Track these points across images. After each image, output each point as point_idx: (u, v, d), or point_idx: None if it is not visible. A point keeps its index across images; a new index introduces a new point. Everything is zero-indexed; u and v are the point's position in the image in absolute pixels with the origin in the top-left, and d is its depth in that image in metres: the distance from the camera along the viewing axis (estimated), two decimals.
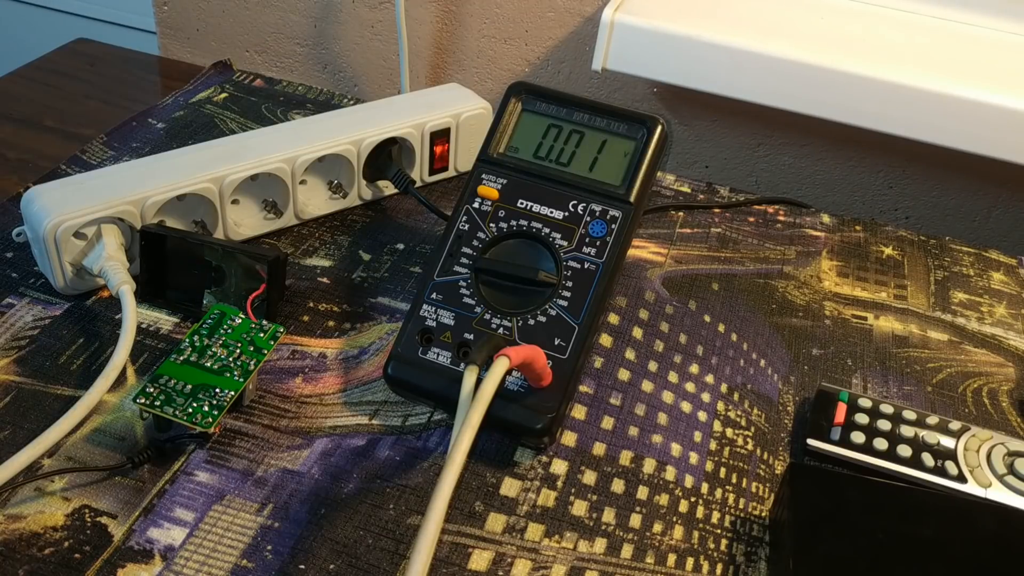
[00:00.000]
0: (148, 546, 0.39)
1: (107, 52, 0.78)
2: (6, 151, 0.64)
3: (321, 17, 0.93)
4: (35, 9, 1.22)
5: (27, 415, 0.44)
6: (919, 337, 0.56)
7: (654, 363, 0.51)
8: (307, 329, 0.51)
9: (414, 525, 0.41)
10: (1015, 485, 0.44)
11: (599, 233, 0.46)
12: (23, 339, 0.48)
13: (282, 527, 0.40)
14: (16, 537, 0.39)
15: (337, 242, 0.58)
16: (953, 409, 0.51)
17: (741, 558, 0.42)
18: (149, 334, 0.49)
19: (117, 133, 0.66)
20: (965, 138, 0.69)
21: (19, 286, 0.51)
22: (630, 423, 0.47)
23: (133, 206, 0.50)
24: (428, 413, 0.47)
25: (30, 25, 1.24)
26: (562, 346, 0.44)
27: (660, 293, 0.56)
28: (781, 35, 0.72)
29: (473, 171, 0.49)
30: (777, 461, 0.47)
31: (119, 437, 0.43)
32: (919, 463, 0.45)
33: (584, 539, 0.41)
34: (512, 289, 0.46)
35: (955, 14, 0.78)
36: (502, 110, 0.50)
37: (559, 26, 0.85)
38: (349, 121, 0.59)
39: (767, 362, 0.53)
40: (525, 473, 0.44)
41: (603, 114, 0.49)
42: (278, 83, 0.75)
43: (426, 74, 0.93)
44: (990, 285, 0.62)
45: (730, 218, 0.65)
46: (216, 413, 0.42)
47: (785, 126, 0.84)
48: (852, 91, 0.70)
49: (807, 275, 0.61)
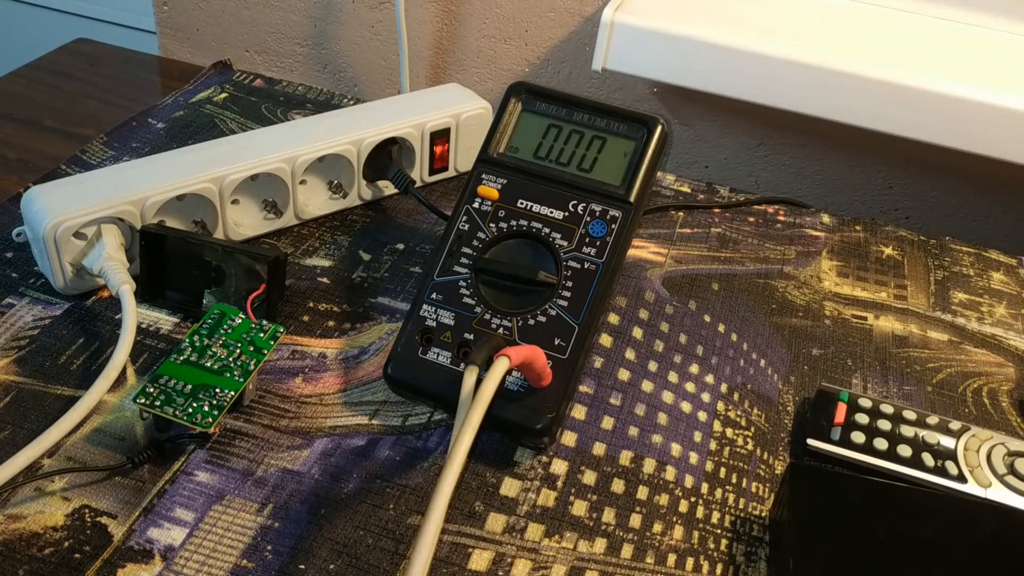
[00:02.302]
0: (148, 546, 0.39)
1: (107, 52, 0.78)
2: (6, 151, 0.64)
3: (321, 17, 0.93)
4: (35, 9, 1.22)
5: (27, 415, 0.44)
6: (919, 337, 0.56)
7: (654, 363, 0.51)
8: (307, 329, 0.51)
9: (414, 525, 0.41)
10: (1015, 485, 0.44)
11: (599, 233, 0.46)
12: (23, 339, 0.48)
13: (282, 527, 0.40)
14: (16, 537, 0.39)
15: (337, 242, 0.58)
16: (953, 409, 0.51)
17: (741, 558, 0.42)
18: (149, 334, 0.49)
19: (117, 133, 0.66)
20: (965, 138, 0.69)
21: (19, 286, 0.51)
22: (630, 423, 0.47)
23: (133, 206, 0.50)
24: (428, 413, 0.47)
25: (30, 25, 1.24)
26: (562, 346, 0.44)
27: (660, 293, 0.56)
28: (781, 35, 0.72)
29: (473, 171, 0.49)
30: (777, 461, 0.47)
31: (119, 437, 0.43)
32: (919, 463, 0.45)
33: (584, 539, 0.41)
34: (512, 289, 0.46)
35: (955, 14, 0.78)
36: (502, 110, 0.50)
37: (559, 26, 0.85)
38: (349, 121, 0.59)
39: (767, 362, 0.53)
40: (525, 473, 0.44)
41: (603, 114, 0.49)
42: (278, 83, 0.75)
43: (426, 74, 0.93)
44: (990, 285, 0.62)
45: (730, 218, 0.65)
46: (216, 413, 0.42)
47: (785, 126, 0.84)
48: (852, 91, 0.70)
49: (807, 275, 0.61)
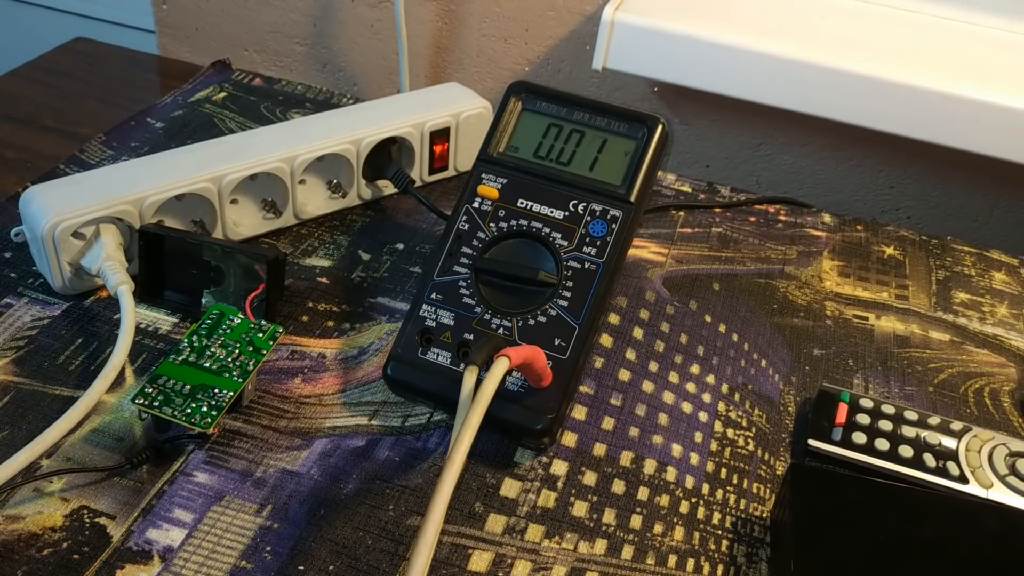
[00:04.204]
0: (147, 547, 0.39)
1: (106, 51, 0.78)
2: (5, 151, 0.64)
3: (320, 16, 0.93)
4: (35, 9, 1.22)
5: (25, 415, 0.44)
6: (920, 337, 0.56)
7: (655, 363, 0.51)
8: (306, 329, 0.51)
9: (413, 526, 0.41)
10: (1017, 486, 0.44)
11: (599, 233, 0.46)
12: (21, 339, 0.48)
13: (281, 528, 0.40)
14: (15, 538, 0.38)
15: (336, 242, 0.58)
16: (955, 409, 0.51)
17: (742, 559, 0.42)
18: (148, 334, 0.49)
19: (116, 132, 0.66)
20: (967, 138, 0.69)
21: (17, 286, 0.51)
22: (631, 424, 0.47)
23: (132, 206, 0.50)
24: (428, 414, 0.46)
25: (30, 25, 1.24)
26: (562, 346, 0.44)
27: (661, 293, 0.56)
28: (782, 34, 0.72)
29: (473, 171, 0.49)
30: (778, 462, 0.47)
31: (118, 438, 0.43)
32: (920, 464, 0.45)
33: (584, 540, 0.41)
34: (512, 289, 0.45)
35: (956, 13, 0.78)
36: (502, 109, 0.49)
37: (559, 25, 0.85)
38: (348, 120, 0.59)
39: (768, 362, 0.53)
40: (525, 474, 0.44)
41: (603, 113, 0.48)
42: (277, 82, 0.74)
43: (426, 73, 0.93)
44: (992, 285, 0.62)
45: (731, 218, 0.65)
46: (215, 414, 0.42)
47: (786, 125, 0.83)
48: (853, 90, 0.69)
49: (808, 275, 0.60)
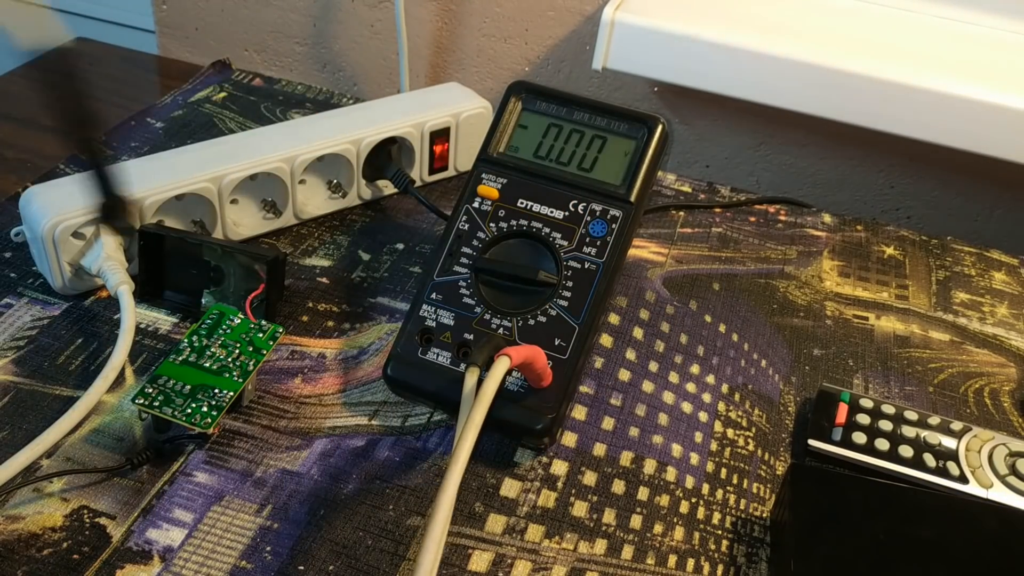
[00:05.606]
0: (147, 547, 0.39)
1: (106, 51, 0.78)
2: (5, 150, 0.64)
3: (320, 16, 0.93)
4: (35, 9, 1.22)
5: (25, 416, 0.44)
6: (921, 337, 0.56)
7: (655, 363, 0.51)
8: (306, 329, 0.51)
9: (414, 526, 0.41)
10: (1017, 486, 0.44)
11: (599, 233, 0.46)
12: (21, 339, 0.48)
13: (281, 528, 0.40)
14: (15, 538, 0.38)
15: (336, 242, 0.58)
16: (955, 409, 0.51)
17: (742, 559, 0.42)
18: (148, 334, 0.49)
19: (116, 132, 0.66)
20: (967, 138, 0.69)
21: (17, 286, 0.51)
22: (631, 424, 0.47)
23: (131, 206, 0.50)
24: (428, 414, 0.46)
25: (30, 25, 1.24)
26: (562, 346, 0.44)
27: (661, 293, 0.56)
28: (782, 34, 0.72)
29: (473, 171, 0.49)
30: (778, 462, 0.47)
31: (118, 438, 0.43)
32: (921, 464, 0.45)
33: (584, 540, 0.41)
34: (512, 289, 0.45)
35: (956, 13, 0.78)
36: (502, 109, 0.49)
37: (559, 25, 0.85)
38: (348, 120, 0.59)
39: (768, 362, 0.53)
40: (525, 474, 0.44)
41: (603, 113, 0.48)
42: (277, 82, 0.74)
43: (426, 73, 0.93)
44: (992, 285, 0.62)
45: (731, 218, 0.65)
46: (215, 414, 0.42)
47: (786, 125, 0.83)
48: (853, 90, 0.69)
49: (808, 275, 0.60)
